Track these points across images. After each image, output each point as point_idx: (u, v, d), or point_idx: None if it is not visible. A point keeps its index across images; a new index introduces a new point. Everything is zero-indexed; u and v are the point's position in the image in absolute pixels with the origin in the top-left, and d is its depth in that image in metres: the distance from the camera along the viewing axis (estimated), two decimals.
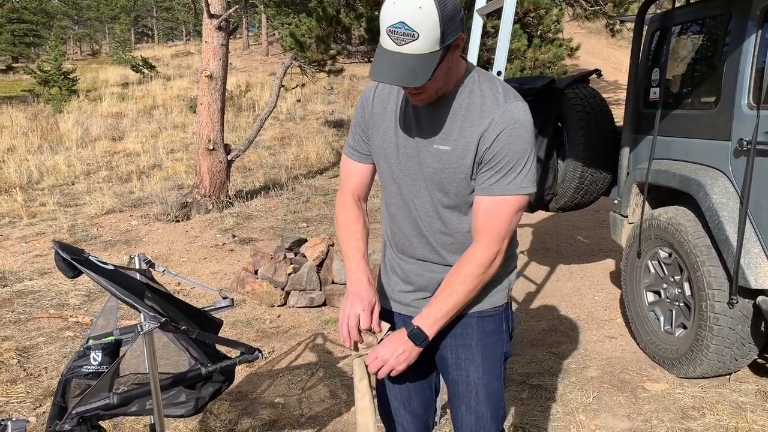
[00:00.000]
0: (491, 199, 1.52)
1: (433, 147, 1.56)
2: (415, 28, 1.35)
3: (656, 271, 3.67)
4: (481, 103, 1.52)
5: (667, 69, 3.77)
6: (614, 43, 25.05)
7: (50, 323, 4.54)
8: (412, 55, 1.37)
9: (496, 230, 1.53)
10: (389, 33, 1.37)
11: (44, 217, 7.82)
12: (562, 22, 11.92)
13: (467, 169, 1.54)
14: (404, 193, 1.66)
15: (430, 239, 1.66)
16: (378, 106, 1.68)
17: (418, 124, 1.59)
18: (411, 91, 1.49)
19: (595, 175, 4.24)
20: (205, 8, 7.56)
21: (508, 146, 1.49)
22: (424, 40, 1.36)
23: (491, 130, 1.49)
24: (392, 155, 1.65)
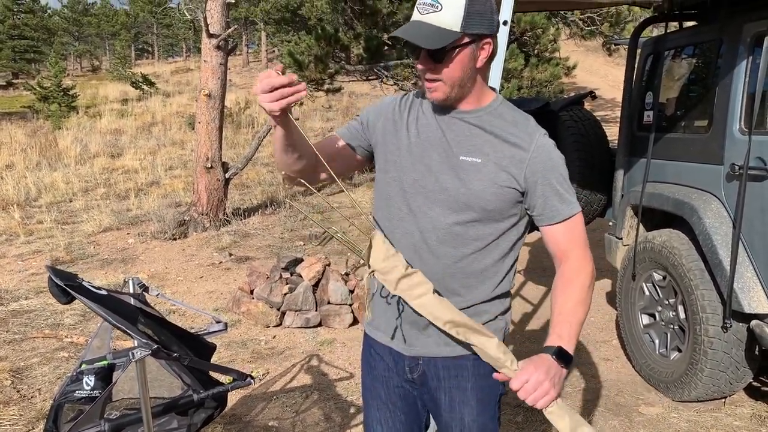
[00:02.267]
0: (565, 224, 1.54)
1: (459, 159, 1.54)
2: (441, 1, 1.41)
3: (651, 293, 3.67)
4: (515, 128, 1.54)
5: (660, 92, 3.81)
6: (611, 61, 25.25)
7: (45, 343, 4.53)
8: (432, 25, 1.41)
9: (581, 244, 1.55)
10: (417, 6, 1.44)
11: (41, 235, 7.82)
12: (558, 41, 12.02)
13: (499, 187, 1.52)
14: (412, 204, 1.59)
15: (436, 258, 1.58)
16: (397, 114, 1.65)
17: (444, 137, 1.57)
18: (428, 77, 1.48)
19: (590, 197, 4.27)
20: (204, 28, 7.62)
21: (555, 169, 1.53)
22: (445, 14, 1.41)
23: (535, 154, 1.52)
24: (407, 165, 1.59)
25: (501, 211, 1.55)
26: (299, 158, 1.58)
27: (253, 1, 24.92)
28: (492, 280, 1.61)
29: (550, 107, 4.37)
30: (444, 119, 1.58)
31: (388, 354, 1.72)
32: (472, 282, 1.59)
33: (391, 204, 1.63)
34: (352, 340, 4.39)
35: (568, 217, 1.54)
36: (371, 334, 1.77)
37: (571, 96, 4.83)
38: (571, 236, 1.55)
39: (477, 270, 1.59)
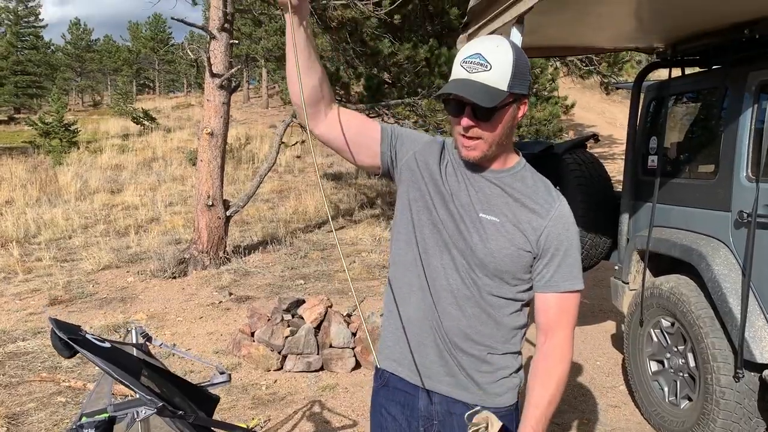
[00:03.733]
0: (561, 294, 1.52)
1: (479, 216, 1.53)
2: (490, 59, 1.40)
3: (659, 340, 3.62)
4: (535, 193, 1.53)
5: (665, 137, 3.82)
6: (608, 99, 25.53)
7: (42, 387, 4.44)
8: (482, 84, 1.40)
9: (571, 323, 1.54)
10: (462, 64, 1.42)
11: (40, 273, 7.76)
12: (557, 80, 12.16)
13: (515, 249, 1.51)
14: (431, 250, 1.57)
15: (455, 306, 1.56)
16: (434, 157, 1.61)
17: (467, 190, 1.56)
18: (469, 135, 1.46)
19: (595, 240, 4.25)
20: (207, 67, 7.69)
21: (568, 240, 1.51)
22: (494, 74, 1.40)
23: (552, 223, 1.50)
24: (432, 210, 1.58)
25: (514, 274, 1.53)
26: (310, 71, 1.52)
27: (255, 39, 25.20)
28: (506, 335, 1.59)
29: (553, 150, 4.38)
30: (468, 174, 1.56)
31: (401, 413, 1.68)
32: (488, 330, 1.57)
33: (411, 243, 1.61)
34: (354, 385, 4.32)
35: (567, 291, 1.52)
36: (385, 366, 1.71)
37: (574, 139, 4.85)
38: (562, 312, 1.53)
39: (492, 324, 1.56)
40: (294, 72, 1.48)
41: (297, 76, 1.47)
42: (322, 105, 1.57)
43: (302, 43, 1.49)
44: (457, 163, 1.59)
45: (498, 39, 1.45)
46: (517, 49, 1.44)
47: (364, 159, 1.64)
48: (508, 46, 1.42)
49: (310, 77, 1.51)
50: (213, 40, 7.77)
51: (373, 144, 1.62)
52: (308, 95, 1.53)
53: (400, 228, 1.65)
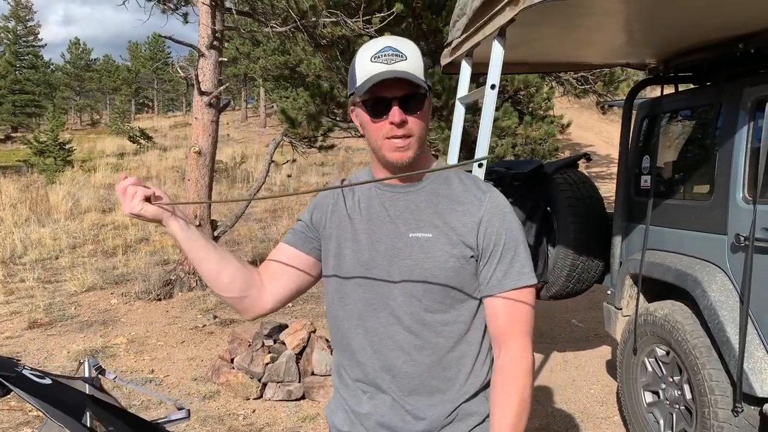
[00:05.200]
0: (507, 296, 1.38)
1: (409, 236, 1.39)
2: (403, 50, 1.32)
3: (654, 369, 3.44)
4: (464, 190, 1.42)
5: (657, 156, 3.66)
6: (606, 118, 25.52)
7: (10, 417, 4.24)
8: (405, 72, 1.30)
9: (525, 329, 1.38)
10: (375, 59, 1.31)
11: (21, 295, 7.57)
12: (552, 99, 12.07)
13: (456, 260, 1.37)
14: (369, 299, 1.42)
15: (407, 355, 1.41)
16: (336, 205, 1.50)
17: (389, 216, 1.43)
18: (400, 134, 1.34)
19: (587, 263, 4.08)
20: (195, 85, 7.57)
21: (506, 234, 1.39)
22: (412, 63, 1.32)
23: (486, 219, 1.38)
24: (351, 257, 1.44)
25: (463, 287, 1.39)
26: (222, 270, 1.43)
27: (253, 58, 25.25)
28: (472, 368, 1.43)
29: (543, 169, 4.23)
30: (386, 197, 1.44)
31: None
32: (451, 374, 1.41)
33: (347, 301, 1.46)
34: None
35: (513, 290, 1.37)
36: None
37: (565, 158, 4.70)
38: (513, 316, 1.38)
39: (454, 359, 1.41)
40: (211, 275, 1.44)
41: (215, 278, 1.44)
42: (254, 285, 1.48)
43: (200, 240, 1.43)
44: (371, 193, 1.47)
45: (397, 36, 1.38)
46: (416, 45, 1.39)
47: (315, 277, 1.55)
48: (410, 42, 1.36)
49: (231, 265, 1.45)
50: (202, 58, 7.66)
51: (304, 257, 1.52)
52: (242, 281, 1.46)
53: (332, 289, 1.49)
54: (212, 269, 1.43)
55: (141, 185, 1.37)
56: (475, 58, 3.04)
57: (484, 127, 2.54)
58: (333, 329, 1.52)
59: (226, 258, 1.44)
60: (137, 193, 1.36)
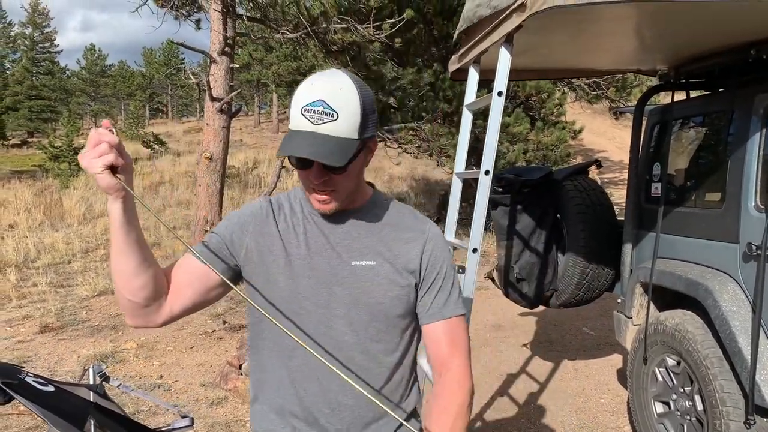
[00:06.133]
0: (448, 322, 1.40)
1: (352, 264, 1.35)
2: (335, 107, 1.23)
3: (664, 379, 3.39)
4: (403, 219, 1.44)
5: (668, 163, 3.62)
6: (619, 123, 25.37)
7: (19, 421, 4.26)
8: (331, 137, 1.23)
9: (465, 352, 1.42)
10: (304, 112, 1.23)
11: (34, 299, 7.62)
12: (564, 105, 12.01)
13: (401, 288, 1.37)
14: (309, 328, 1.35)
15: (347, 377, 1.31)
16: (269, 226, 1.40)
17: (329, 243, 1.37)
18: (321, 189, 1.30)
19: (597, 271, 4.04)
20: (207, 91, 7.61)
21: (445, 262, 1.42)
22: (343, 123, 1.23)
23: (428, 248, 1.40)
24: (285, 284, 1.35)
25: (406, 315, 1.40)
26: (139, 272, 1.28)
27: (266, 64, 25.40)
28: (408, 392, 1.47)
29: (553, 176, 4.20)
30: (325, 224, 1.39)
31: None
32: (390, 400, 1.42)
33: (279, 331, 1.30)
34: None
35: (453, 316, 1.41)
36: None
37: (576, 165, 4.66)
38: (453, 341, 1.40)
39: (393, 386, 1.42)
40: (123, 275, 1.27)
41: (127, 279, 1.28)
42: (158, 300, 1.34)
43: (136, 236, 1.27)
44: (308, 218, 1.41)
45: (340, 78, 1.26)
46: (360, 86, 1.28)
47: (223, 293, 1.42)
48: (351, 86, 1.25)
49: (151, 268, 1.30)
50: (213, 64, 7.72)
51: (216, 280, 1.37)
52: (154, 288, 1.31)
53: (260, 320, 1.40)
54: (128, 269, 1.27)
55: (115, 150, 1.19)
56: (482, 64, 3.02)
57: (491, 135, 2.51)
58: (256, 360, 1.44)
59: (147, 264, 1.30)
60: (106, 157, 1.18)
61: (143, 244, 1.29)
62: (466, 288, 2.56)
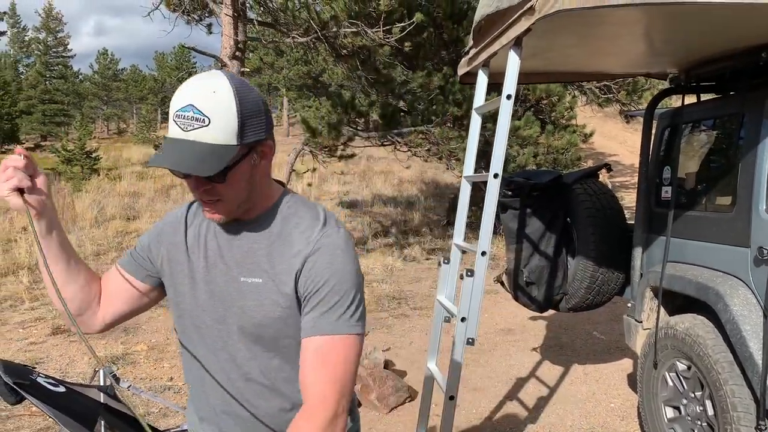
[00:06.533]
0: (319, 340, 1.22)
1: (240, 280, 1.30)
2: (207, 112, 1.15)
3: (675, 384, 3.37)
4: (297, 229, 1.30)
5: (678, 167, 3.60)
6: (630, 127, 25.26)
7: (31, 422, 4.30)
8: (203, 143, 1.15)
9: (333, 379, 1.20)
10: (176, 118, 1.16)
11: (46, 301, 7.68)
12: (575, 108, 11.98)
13: (282, 310, 1.27)
14: (209, 342, 1.35)
15: (251, 405, 1.35)
16: (179, 235, 1.41)
17: (222, 256, 1.33)
18: (205, 199, 1.25)
19: (607, 275, 4.02)
20: None
21: (333, 276, 1.25)
22: (217, 128, 1.15)
23: (311, 259, 1.25)
24: (188, 295, 1.36)
25: (293, 336, 1.29)
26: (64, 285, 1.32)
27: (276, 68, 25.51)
28: None
29: (562, 180, 4.19)
30: (223, 235, 1.34)
31: None
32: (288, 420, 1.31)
33: (191, 341, 1.39)
34: None
35: (328, 334, 1.22)
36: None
37: (585, 168, 4.65)
38: (322, 361, 1.20)
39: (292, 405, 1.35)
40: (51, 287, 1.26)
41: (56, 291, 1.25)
42: (96, 300, 1.40)
43: (57, 251, 1.31)
44: (210, 228, 1.37)
45: (214, 80, 1.18)
46: (239, 87, 1.19)
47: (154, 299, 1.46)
48: (227, 88, 1.17)
49: (78, 282, 1.35)
50: (224, 68, 7.75)
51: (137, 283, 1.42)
52: (81, 300, 1.37)
53: (177, 326, 1.43)
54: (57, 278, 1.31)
55: (24, 172, 1.22)
56: (491, 68, 3.03)
57: (500, 138, 2.52)
58: (184, 365, 1.47)
59: (75, 275, 1.35)
60: (12, 180, 1.21)
61: (67, 258, 1.33)
62: (475, 291, 2.57)
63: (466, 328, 2.59)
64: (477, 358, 5.39)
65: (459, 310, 2.63)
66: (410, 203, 15.64)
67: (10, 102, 30.75)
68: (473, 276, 2.57)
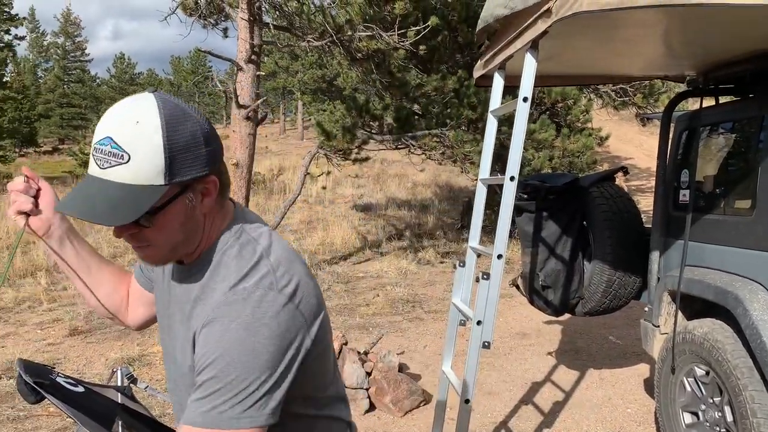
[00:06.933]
0: (186, 430, 1.00)
1: (175, 329, 1.19)
2: (126, 147, 0.98)
3: (693, 389, 3.33)
4: (222, 284, 1.08)
5: (697, 170, 3.57)
6: (646, 130, 25.06)
7: (49, 422, 4.34)
8: (118, 184, 0.99)
9: None
10: (94, 152, 1.01)
11: (64, 303, 7.77)
12: (590, 111, 11.91)
13: (186, 376, 1.13)
14: (169, 376, 1.29)
15: None
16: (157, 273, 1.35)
17: (170, 295, 1.23)
18: (132, 244, 1.10)
19: (624, 279, 3.99)
20: (234, 99, 7.70)
21: (221, 357, 0.99)
22: (137, 167, 0.98)
23: (205, 330, 1.04)
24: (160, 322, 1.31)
25: None
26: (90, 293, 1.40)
27: (291, 72, 25.64)
28: None
29: (579, 183, 4.17)
30: (174, 272, 1.22)
31: None
32: None
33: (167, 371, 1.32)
34: (367, 429, 4.10)
35: (192, 426, 0.99)
36: None
37: (602, 171, 4.62)
38: None
39: None
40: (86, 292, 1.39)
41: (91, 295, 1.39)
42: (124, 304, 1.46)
43: (74, 261, 1.36)
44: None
45: (140, 107, 1.01)
46: (171, 115, 1.01)
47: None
48: (154, 118, 0.99)
49: (103, 288, 1.41)
50: (240, 72, 7.80)
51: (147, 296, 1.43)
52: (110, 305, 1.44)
53: None
54: (80, 290, 1.40)
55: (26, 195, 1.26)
56: (507, 70, 3.02)
57: (516, 141, 2.51)
58: None
59: (97, 284, 1.38)
60: (14, 204, 1.25)
61: (86, 268, 1.38)
62: (491, 294, 2.56)
63: (482, 332, 2.58)
64: (492, 362, 5.37)
65: (475, 313, 2.62)
66: (424, 206, 15.62)
67: (29, 106, 31.15)
68: (489, 279, 2.56)
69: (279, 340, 1.01)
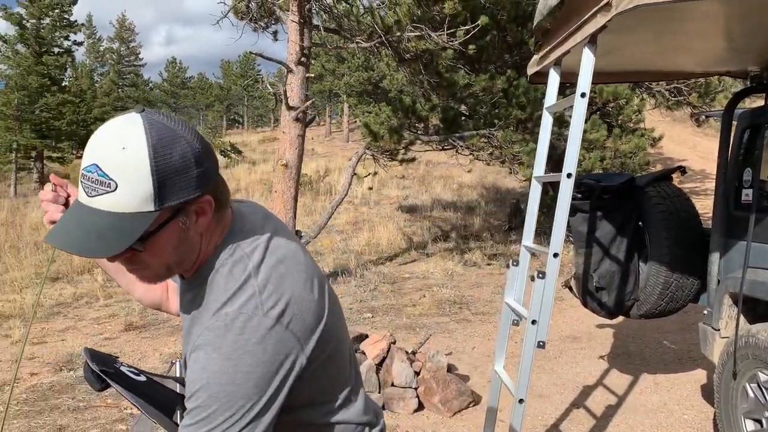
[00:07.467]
0: None
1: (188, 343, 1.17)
2: (113, 174, 0.95)
3: (756, 396, 3.21)
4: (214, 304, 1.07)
5: (760, 169, 3.45)
6: (700, 131, 24.37)
7: (106, 413, 4.48)
8: (106, 213, 0.96)
9: None
10: (82, 179, 0.99)
11: (119, 299, 8.01)
12: (643, 111, 11.63)
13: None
14: None
15: None
16: None
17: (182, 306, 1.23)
18: (126, 267, 1.08)
19: (681, 281, 3.88)
20: (284, 100, 7.81)
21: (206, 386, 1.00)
22: (125, 195, 0.95)
23: (193, 356, 1.04)
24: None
25: None
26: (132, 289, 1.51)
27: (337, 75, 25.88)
28: None
29: (635, 182, 4.07)
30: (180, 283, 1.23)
31: None
32: None
33: None
34: (416, 428, 4.09)
35: None
36: None
37: (659, 171, 4.51)
38: None
39: None
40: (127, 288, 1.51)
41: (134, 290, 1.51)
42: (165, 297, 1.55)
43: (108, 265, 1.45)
44: None
45: (127, 132, 0.97)
46: (160, 138, 0.96)
47: None
48: (141, 143, 0.95)
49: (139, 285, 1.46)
50: (290, 74, 7.91)
51: None
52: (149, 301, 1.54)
53: None
54: (126, 283, 1.49)
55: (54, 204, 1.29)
56: (563, 67, 2.97)
57: (574, 137, 2.47)
58: None
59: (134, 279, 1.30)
60: (47, 213, 1.28)
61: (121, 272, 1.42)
62: (546, 293, 2.52)
63: (537, 331, 2.55)
64: (542, 365, 5.29)
65: (529, 312, 2.58)
66: (470, 208, 15.52)
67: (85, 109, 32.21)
68: (545, 278, 2.53)
69: (266, 366, 1.00)
